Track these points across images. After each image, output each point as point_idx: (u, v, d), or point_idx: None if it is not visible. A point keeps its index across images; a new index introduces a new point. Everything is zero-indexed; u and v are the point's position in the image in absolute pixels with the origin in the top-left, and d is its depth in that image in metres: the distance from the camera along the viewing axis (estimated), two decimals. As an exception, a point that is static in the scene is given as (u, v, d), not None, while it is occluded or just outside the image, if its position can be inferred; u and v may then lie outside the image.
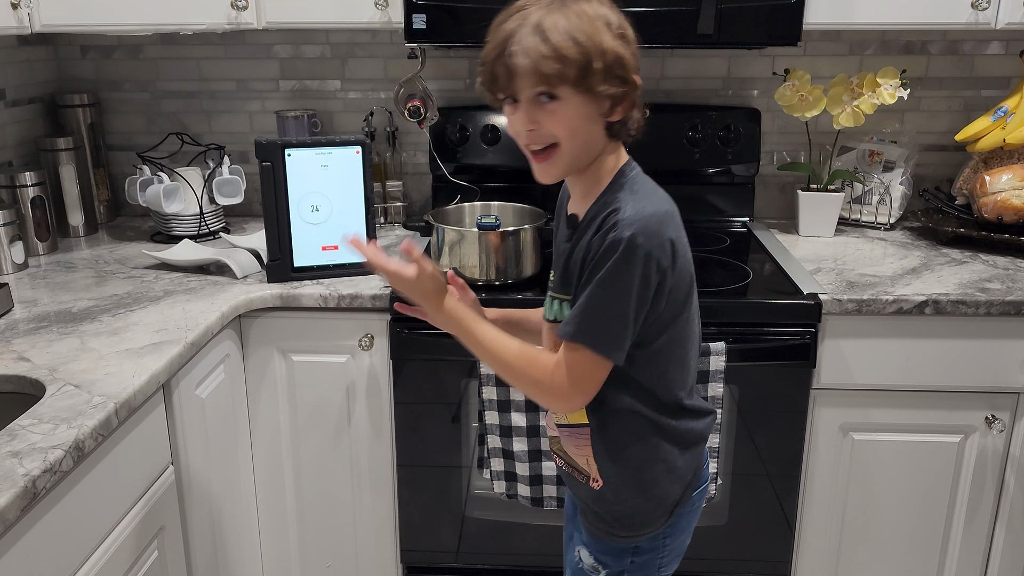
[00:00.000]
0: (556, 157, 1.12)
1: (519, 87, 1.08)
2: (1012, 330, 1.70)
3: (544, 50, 1.04)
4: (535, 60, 1.04)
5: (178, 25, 1.90)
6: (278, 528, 1.91)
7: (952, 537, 1.84)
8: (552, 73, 1.05)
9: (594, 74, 1.06)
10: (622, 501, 1.24)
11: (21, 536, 1.05)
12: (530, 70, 1.05)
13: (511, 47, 1.06)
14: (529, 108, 1.09)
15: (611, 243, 1.08)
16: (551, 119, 1.09)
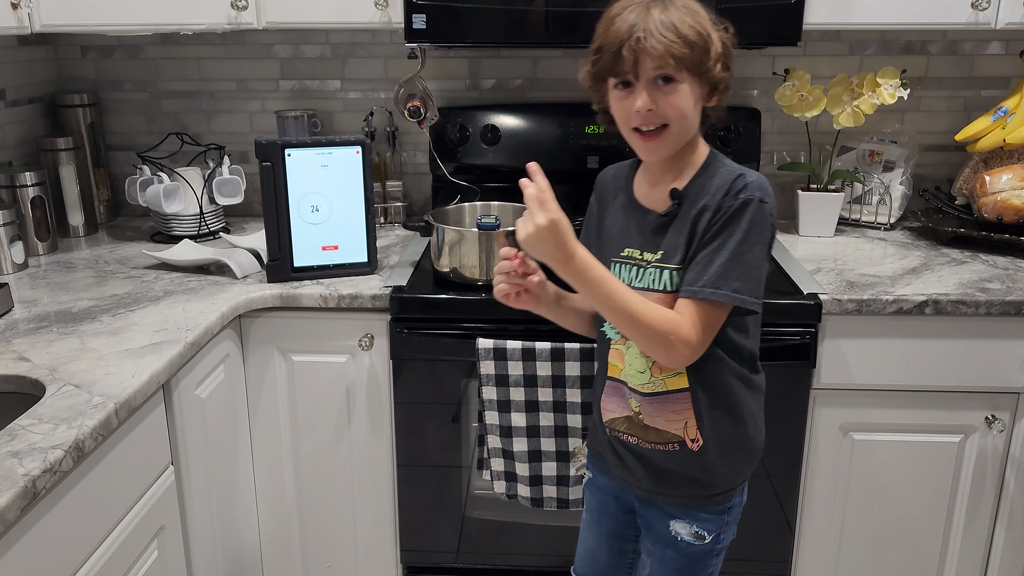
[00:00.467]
0: (665, 137, 1.22)
1: (643, 70, 1.18)
2: (1012, 330, 1.70)
3: (672, 36, 1.16)
4: (666, 45, 1.15)
5: (178, 25, 1.90)
6: (278, 527, 1.91)
7: (952, 537, 1.84)
8: (680, 56, 1.16)
9: (710, 60, 1.19)
10: (724, 457, 1.32)
11: (21, 536, 1.05)
12: (660, 53, 1.16)
13: (639, 33, 1.16)
14: (648, 90, 1.19)
15: (743, 203, 1.20)
16: (668, 101, 1.19)
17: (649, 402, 1.31)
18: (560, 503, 1.72)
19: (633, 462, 1.37)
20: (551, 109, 2.21)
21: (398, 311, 1.72)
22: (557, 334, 1.67)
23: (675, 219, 1.26)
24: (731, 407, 1.32)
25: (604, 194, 1.40)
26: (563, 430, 1.67)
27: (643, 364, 1.30)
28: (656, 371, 1.29)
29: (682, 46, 1.16)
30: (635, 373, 1.32)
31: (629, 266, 1.30)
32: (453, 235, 1.76)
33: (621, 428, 1.36)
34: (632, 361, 1.32)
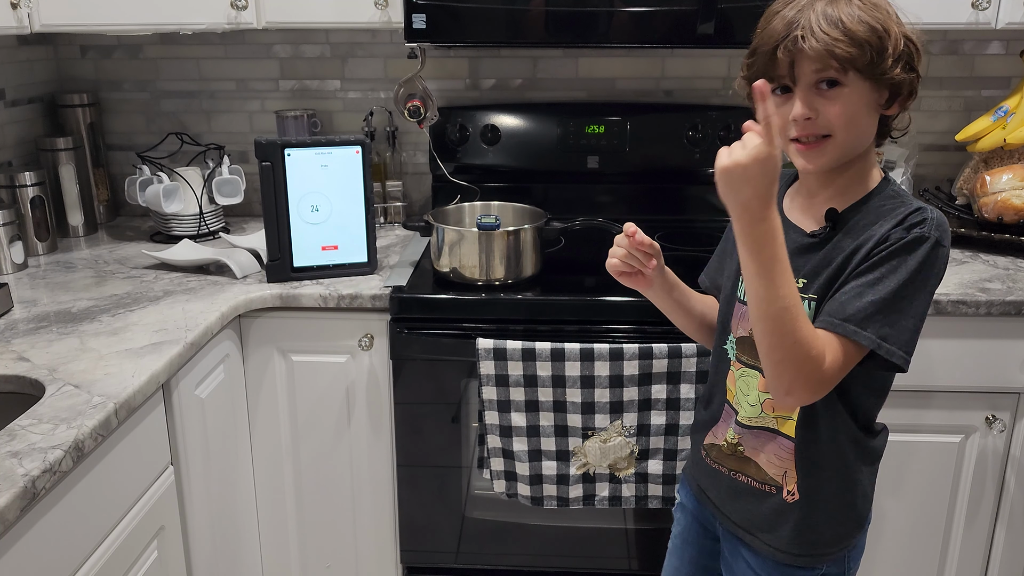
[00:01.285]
0: (827, 146, 1.09)
1: (801, 72, 1.06)
2: (1012, 330, 1.70)
3: (836, 34, 1.03)
4: (826, 43, 1.03)
5: (178, 25, 1.90)
6: (278, 528, 1.91)
7: (952, 537, 1.84)
8: (845, 57, 1.03)
9: (886, 58, 1.04)
10: (820, 520, 1.20)
11: (21, 536, 1.05)
12: (819, 53, 1.03)
13: (796, 31, 1.04)
14: (807, 96, 1.07)
15: (917, 239, 1.05)
16: (830, 107, 1.06)
17: (754, 434, 1.21)
18: (560, 501, 1.72)
19: (724, 493, 1.27)
20: (551, 109, 2.21)
21: (398, 311, 1.72)
22: (557, 334, 1.67)
23: (825, 244, 1.13)
24: (839, 471, 1.19)
25: None
26: (563, 429, 1.66)
27: (756, 397, 1.19)
28: (768, 408, 1.18)
29: (848, 45, 1.02)
30: (744, 403, 1.21)
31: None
32: (453, 235, 1.76)
33: (712, 455, 1.27)
34: (743, 389, 1.21)
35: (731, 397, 1.25)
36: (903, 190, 1.15)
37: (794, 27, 1.05)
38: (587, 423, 1.65)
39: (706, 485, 1.32)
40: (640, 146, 2.18)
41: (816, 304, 1.12)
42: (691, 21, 1.79)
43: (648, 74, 2.26)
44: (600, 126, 2.18)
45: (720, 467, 1.27)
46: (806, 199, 1.19)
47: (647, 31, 1.81)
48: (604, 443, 1.65)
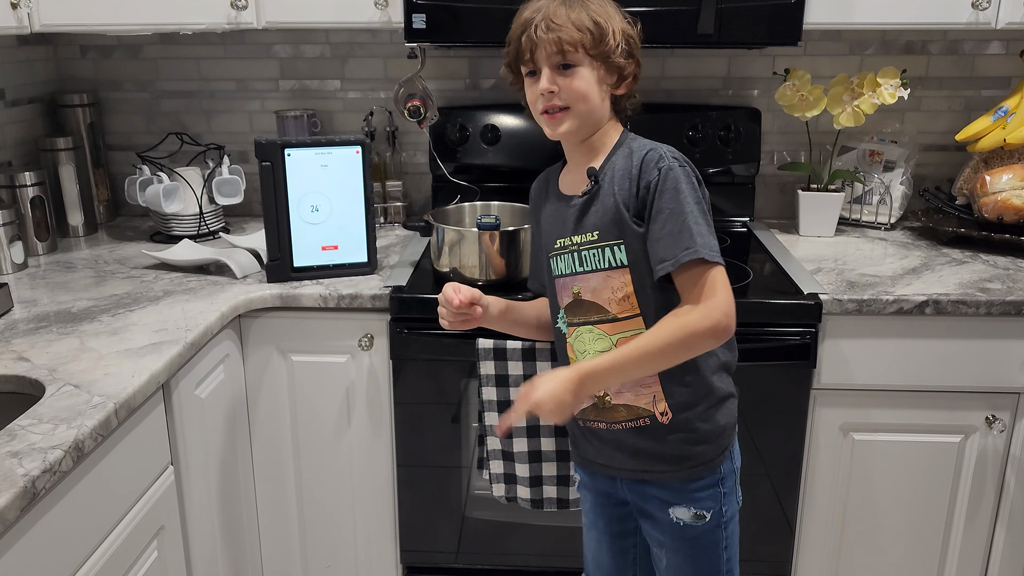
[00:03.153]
0: (566, 116, 1.29)
1: (540, 57, 1.26)
2: (1012, 330, 1.70)
3: (563, 23, 1.24)
4: (556, 31, 1.24)
5: (178, 25, 1.90)
6: (278, 528, 1.91)
7: (952, 537, 1.84)
8: (573, 40, 1.24)
9: (608, 44, 1.26)
10: (697, 429, 1.34)
11: (21, 536, 1.05)
12: (553, 40, 1.24)
13: (534, 24, 1.25)
14: (550, 75, 1.27)
15: (666, 171, 1.25)
16: (567, 83, 1.26)
17: None
18: (560, 503, 1.72)
19: (609, 449, 1.39)
20: (551, 109, 2.21)
21: (398, 311, 1.72)
22: (557, 334, 1.67)
23: (595, 197, 1.31)
24: (697, 374, 1.32)
25: (536, 196, 1.45)
26: (563, 429, 1.66)
27: (606, 343, 1.32)
28: (622, 343, 1.31)
29: (573, 31, 1.24)
30: (595, 355, 1.32)
31: (565, 255, 1.34)
32: (453, 235, 1.76)
33: (591, 416, 1.38)
34: (589, 346, 1.34)
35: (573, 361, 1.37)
36: (637, 137, 1.34)
37: (532, 21, 1.26)
38: (587, 423, 1.66)
39: (591, 453, 1.43)
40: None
41: (625, 247, 1.29)
42: (691, 21, 1.79)
43: (648, 74, 2.25)
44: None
45: (597, 424, 1.38)
46: (572, 173, 1.38)
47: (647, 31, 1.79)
48: (604, 443, 1.65)
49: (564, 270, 1.35)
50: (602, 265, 1.31)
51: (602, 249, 1.30)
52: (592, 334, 1.34)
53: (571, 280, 1.35)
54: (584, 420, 1.39)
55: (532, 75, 1.30)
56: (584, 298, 1.34)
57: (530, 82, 1.31)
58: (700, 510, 1.37)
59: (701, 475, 1.36)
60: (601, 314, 1.33)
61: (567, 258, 1.34)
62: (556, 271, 1.37)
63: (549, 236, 1.39)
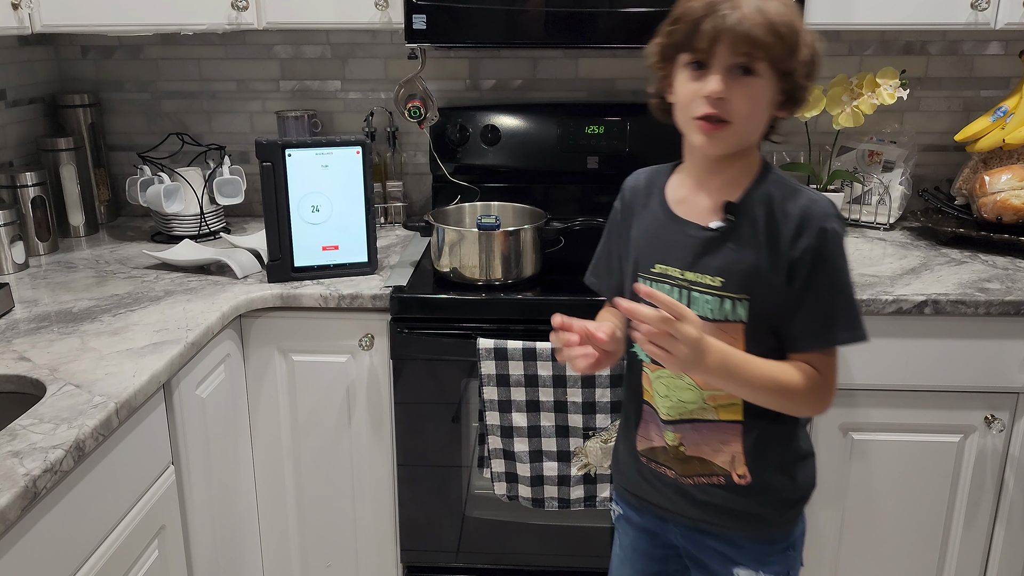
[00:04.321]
0: (727, 131, 1.09)
1: (720, 51, 1.06)
2: (1011, 330, 1.70)
3: (761, 19, 1.04)
4: (753, 27, 1.03)
5: (178, 25, 1.90)
6: (278, 528, 1.91)
7: (952, 537, 1.84)
8: (766, 44, 1.04)
9: (797, 59, 1.07)
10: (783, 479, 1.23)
11: (21, 536, 1.05)
12: (744, 34, 1.04)
13: (724, 9, 1.04)
14: (724, 76, 1.07)
15: (833, 236, 1.11)
16: (740, 92, 1.07)
17: (695, 429, 1.20)
18: (561, 503, 1.72)
19: (672, 494, 1.25)
20: (551, 109, 2.22)
21: (398, 311, 1.72)
22: (557, 334, 1.67)
23: (727, 239, 1.14)
24: (782, 437, 1.22)
25: (633, 200, 1.26)
26: (564, 430, 1.67)
27: (694, 396, 1.19)
28: (711, 400, 1.18)
29: (770, 33, 1.04)
30: (677, 404, 1.20)
31: (665, 286, 1.17)
32: (453, 235, 1.76)
33: (659, 459, 1.25)
34: (672, 393, 1.20)
35: (648, 397, 1.24)
36: (779, 170, 1.18)
37: (717, 5, 1.05)
38: (588, 423, 1.66)
39: (647, 492, 1.29)
40: (640, 146, 2.18)
41: (749, 304, 1.13)
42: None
43: (648, 75, 2.25)
44: (600, 126, 2.18)
45: (666, 470, 1.25)
46: (695, 194, 1.18)
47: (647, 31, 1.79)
48: (605, 443, 1.65)
49: None
50: (716, 316, 1.13)
51: (722, 299, 1.13)
52: (681, 381, 1.18)
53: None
54: (652, 461, 1.26)
55: (697, 68, 1.09)
56: None
57: (690, 76, 1.09)
58: (768, 575, 1.25)
59: (774, 537, 1.25)
60: None
61: (668, 290, 1.16)
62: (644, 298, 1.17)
63: (646, 254, 1.20)
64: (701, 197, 1.17)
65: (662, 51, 1.12)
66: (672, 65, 1.13)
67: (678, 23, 1.09)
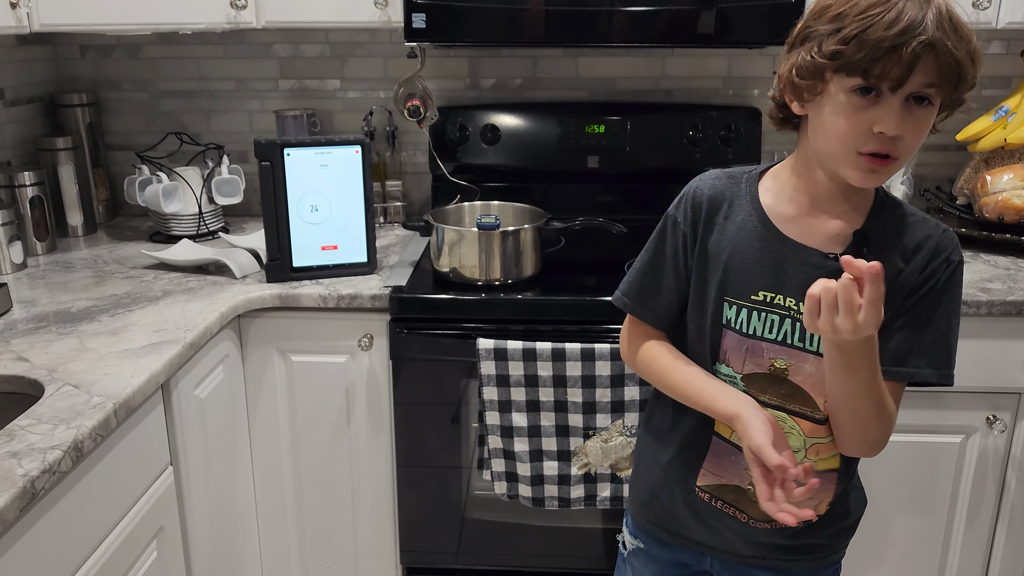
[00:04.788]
0: (892, 167, 0.98)
1: (913, 80, 0.91)
2: (1013, 330, 1.69)
3: (965, 50, 0.91)
4: (958, 57, 0.90)
5: (177, 24, 1.90)
6: (278, 528, 1.90)
7: (953, 538, 1.84)
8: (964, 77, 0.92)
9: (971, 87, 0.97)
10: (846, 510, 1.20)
11: (20, 536, 1.04)
12: (945, 67, 0.90)
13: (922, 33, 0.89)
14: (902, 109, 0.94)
15: (956, 267, 1.04)
16: (913, 126, 0.95)
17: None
18: (561, 502, 1.72)
19: (731, 534, 1.17)
20: (551, 109, 2.21)
21: (398, 311, 1.72)
22: (558, 334, 1.67)
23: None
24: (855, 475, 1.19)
25: (712, 210, 1.11)
26: (564, 429, 1.66)
27: (797, 442, 1.09)
28: (812, 452, 1.10)
29: (969, 63, 0.91)
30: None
31: (774, 316, 1.05)
32: (453, 235, 1.75)
33: (727, 498, 1.16)
34: None
35: (728, 433, 1.13)
36: (895, 196, 1.11)
37: (917, 28, 0.89)
38: (588, 423, 1.65)
39: (693, 530, 1.20)
40: (640, 146, 2.18)
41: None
42: (691, 21, 1.79)
43: (648, 74, 2.26)
44: (600, 126, 2.17)
45: (736, 511, 1.15)
46: (806, 212, 1.06)
47: (647, 31, 1.81)
48: (605, 443, 1.65)
49: (764, 333, 1.06)
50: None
51: None
52: (783, 424, 1.07)
53: (773, 349, 1.06)
54: (717, 499, 1.16)
55: (865, 94, 0.94)
56: (792, 379, 1.07)
57: (858, 104, 0.94)
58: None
59: (825, 565, 1.22)
60: (807, 407, 1.08)
61: (777, 321, 1.05)
62: (742, 326, 1.08)
63: (740, 278, 1.07)
64: (823, 220, 1.05)
65: (817, 69, 0.95)
66: (822, 83, 0.97)
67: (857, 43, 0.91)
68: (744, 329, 1.08)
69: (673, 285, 1.14)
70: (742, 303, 1.07)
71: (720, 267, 1.09)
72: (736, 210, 1.10)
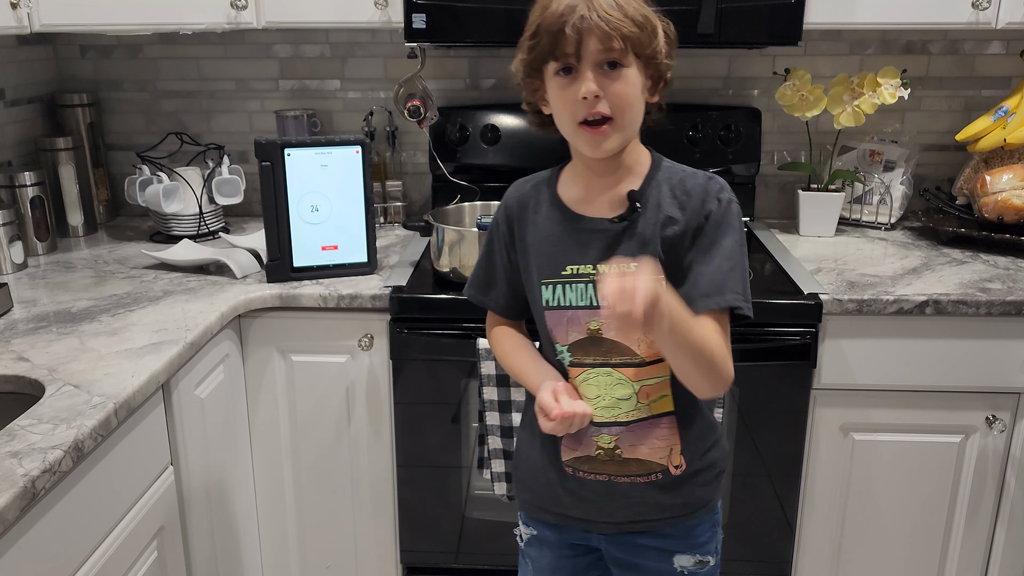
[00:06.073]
0: (611, 129, 1.12)
1: (587, 51, 1.08)
2: (1013, 330, 1.69)
3: (619, 15, 1.07)
4: (614, 22, 1.07)
5: (177, 25, 1.90)
6: (278, 528, 1.91)
7: (953, 537, 1.84)
8: (629, 36, 1.08)
9: (658, 41, 1.11)
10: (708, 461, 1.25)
11: (21, 536, 1.04)
12: (605, 34, 1.07)
13: (581, 11, 1.07)
14: (595, 75, 1.09)
15: (727, 204, 1.16)
16: (614, 87, 1.10)
17: (631, 431, 1.20)
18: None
19: (602, 500, 1.25)
20: (551, 109, 2.21)
21: (398, 311, 1.72)
22: (557, 334, 1.67)
23: (631, 225, 1.16)
24: (705, 420, 1.26)
25: (521, 209, 1.25)
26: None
27: (627, 390, 1.19)
28: (643, 396, 1.19)
29: (631, 25, 1.08)
30: (611, 403, 1.20)
31: (579, 285, 1.18)
32: (453, 235, 1.76)
33: (585, 468, 1.24)
34: (604, 391, 1.20)
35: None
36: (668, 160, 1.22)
37: (579, 7, 1.08)
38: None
39: (567, 506, 1.27)
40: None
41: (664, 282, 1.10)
42: (691, 21, 1.79)
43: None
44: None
45: (596, 476, 1.24)
46: (592, 191, 1.20)
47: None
48: (604, 443, 1.65)
49: (576, 301, 1.18)
50: None
51: None
52: (610, 378, 1.19)
53: (586, 314, 1.19)
54: (579, 470, 1.25)
55: (566, 73, 1.11)
56: (606, 336, 1.19)
57: (562, 83, 1.11)
58: (703, 555, 1.28)
59: (702, 518, 1.28)
60: (626, 356, 1.18)
61: (582, 288, 1.18)
62: (559, 301, 1.20)
63: (552, 260, 1.21)
64: (602, 194, 1.20)
65: (527, 67, 1.15)
66: (540, 79, 1.15)
67: (538, 36, 1.11)
68: (561, 303, 1.20)
69: (504, 277, 1.29)
70: (555, 280, 1.20)
71: (535, 254, 1.23)
72: (541, 204, 1.24)
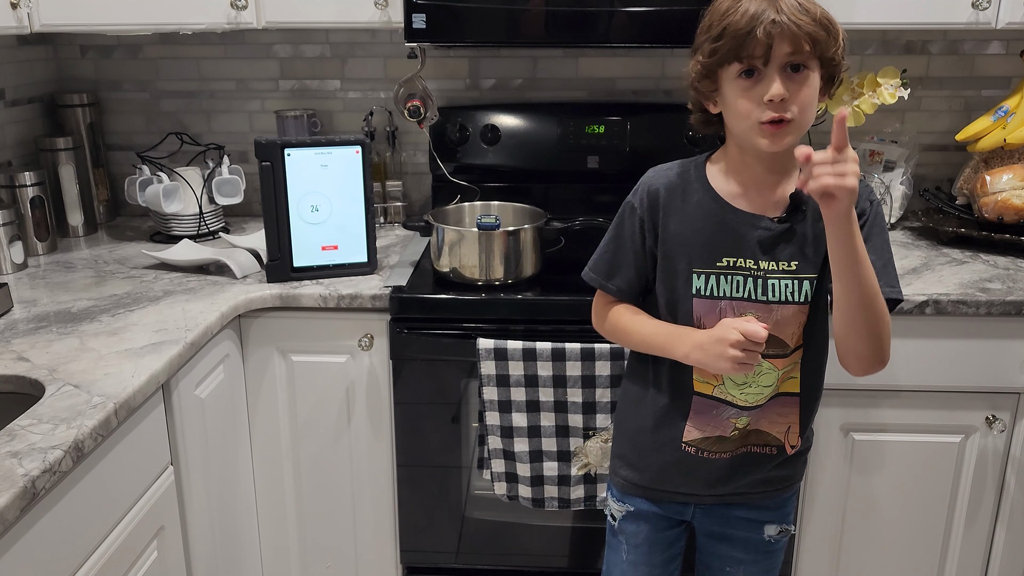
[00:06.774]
0: (790, 128, 1.16)
1: (776, 53, 1.12)
2: (1013, 330, 1.69)
3: (808, 19, 1.11)
4: (803, 26, 1.11)
5: (177, 25, 1.90)
6: (278, 528, 1.91)
7: (952, 537, 1.84)
8: (818, 40, 1.12)
9: (839, 45, 1.16)
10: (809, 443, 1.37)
11: (21, 536, 1.05)
12: (795, 37, 1.11)
13: (771, 14, 1.10)
14: (781, 77, 1.13)
15: (878, 205, 1.24)
16: (798, 90, 1.14)
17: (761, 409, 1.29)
18: (561, 503, 1.72)
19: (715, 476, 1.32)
20: (551, 109, 2.21)
21: (398, 311, 1.72)
22: (557, 334, 1.67)
23: (795, 225, 1.22)
24: (817, 403, 1.34)
25: (668, 197, 1.27)
26: (564, 430, 1.66)
27: (772, 378, 1.26)
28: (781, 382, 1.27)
29: (819, 28, 1.12)
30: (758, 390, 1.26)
31: (738, 277, 1.23)
32: (453, 235, 1.76)
33: (711, 449, 1.31)
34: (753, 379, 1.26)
35: (709, 390, 1.29)
36: None
37: (763, 13, 1.11)
38: (588, 423, 1.65)
39: (677, 484, 1.35)
40: (640, 146, 2.18)
41: (817, 282, 1.22)
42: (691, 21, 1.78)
43: (648, 74, 2.26)
44: (600, 126, 2.18)
45: (720, 455, 1.31)
46: (750, 187, 1.24)
47: (647, 31, 1.81)
48: (605, 443, 1.65)
49: (733, 293, 1.23)
50: (797, 298, 1.22)
51: (799, 282, 1.22)
52: (760, 367, 1.25)
53: (744, 306, 1.23)
54: (703, 450, 1.31)
55: (748, 76, 1.14)
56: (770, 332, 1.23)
57: (745, 85, 1.14)
58: (787, 524, 1.40)
59: (795, 489, 1.40)
60: (779, 348, 1.24)
61: (742, 281, 1.22)
62: (712, 291, 1.24)
63: (705, 250, 1.24)
64: (764, 192, 1.24)
65: (708, 69, 1.17)
66: (714, 82, 1.18)
67: (722, 38, 1.14)
68: (715, 293, 1.24)
69: (632, 262, 1.31)
70: (710, 271, 1.24)
71: (683, 243, 1.25)
72: (690, 194, 1.26)
